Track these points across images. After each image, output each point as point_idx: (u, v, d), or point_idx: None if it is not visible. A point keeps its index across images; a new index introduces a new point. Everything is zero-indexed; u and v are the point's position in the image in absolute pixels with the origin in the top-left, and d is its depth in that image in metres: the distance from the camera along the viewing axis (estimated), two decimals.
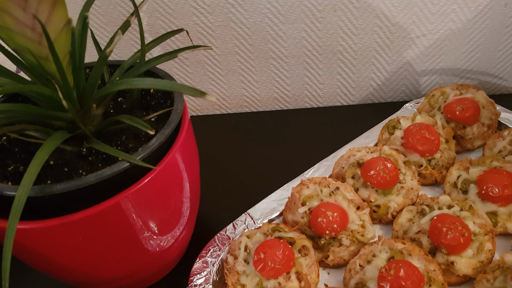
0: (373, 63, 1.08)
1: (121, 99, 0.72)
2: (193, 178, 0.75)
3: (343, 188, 0.81)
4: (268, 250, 0.71)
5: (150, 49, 0.75)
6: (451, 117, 0.93)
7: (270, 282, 0.72)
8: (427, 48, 1.04)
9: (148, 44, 0.74)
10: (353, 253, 0.78)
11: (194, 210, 0.80)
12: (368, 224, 0.80)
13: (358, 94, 1.15)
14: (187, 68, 1.11)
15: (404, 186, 0.84)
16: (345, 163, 0.88)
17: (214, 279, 0.77)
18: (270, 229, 0.77)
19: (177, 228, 0.75)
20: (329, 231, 0.75)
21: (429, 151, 0.87)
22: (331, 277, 0.79)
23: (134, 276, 0.74)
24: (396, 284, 0.66)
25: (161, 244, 0.72)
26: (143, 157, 0.59)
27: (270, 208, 0.87)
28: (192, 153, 0.74)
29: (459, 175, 0.85)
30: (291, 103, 1.19)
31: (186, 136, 0.68)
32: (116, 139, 0.66)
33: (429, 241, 0.74)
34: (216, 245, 0.82)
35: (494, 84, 1.11)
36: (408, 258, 0.71)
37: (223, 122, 1.19)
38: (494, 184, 0.78)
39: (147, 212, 0.65)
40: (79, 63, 0.63)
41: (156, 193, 0.64)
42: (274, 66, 1.10)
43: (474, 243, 0.73)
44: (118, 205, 0.59)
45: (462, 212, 0.76)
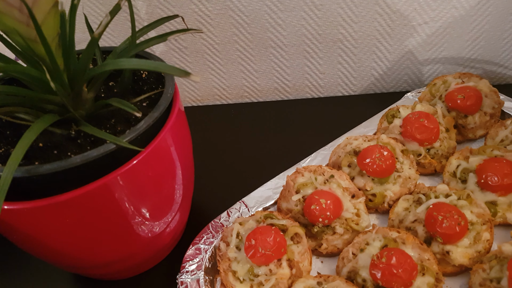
0: (374, 52, 1.06)
1: (112, 83, 0.72)
2: (186, 164, 0.75)
3: (337, 176, 0.80)
4: (259, 237, 0.71)
5: (143, 34, 0.74)
6: (452, 106, 0.91)
7: (261, 268, 0.71)
8: (429, 36, 1.02)
9: (142, 29, 0.74)
10: (347, 241, 0.77)
11: (187, 196, 0.80)
12: (363, 213, 0.78)
13: (360, 84, 1.13)
14: (187, 58, 1.11)
15: (401, 175, 0.82)
16: (342, 152, 0.87)
17: (207, 266, 0.76)
18: (262, 216, 0.77)
19: (169, 214, 0.74)
20: (322, 218, 0.74)
21: (428, 140, 0.85)
22: (324, 265, 0.78)
23: (126, 261, 0.74)
24: (388, 271, 0.64)
25: (153, 230, 0.72)
26: (130, 139, 0.59)
27: (265, 196, 0.87)
28: (184, 138, 0.73)
29: (459, 164, 0.83)
30: (291, 93, 1.18)
31: (176, 120, 0.68)
32: (106, 123, 0.66)
33: (424, 230, 0.73)
34: (210, 232, 0.81)
35: (499, 73, 1.08)
36: (401, 246, 0.69)
37: (223, 113, 1.18)
38: (494, 173, 0.76)
39: (137, 196, 0.65)
40: (69, 46, 0.62)
41: (145, 176, 0.64)
42: (273, 55, 1.09)
43: (471, 233, 0.71)
44: (106, 186, 0.59)
45: (459, 201, 0.74)
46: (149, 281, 0.80)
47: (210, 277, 0.76)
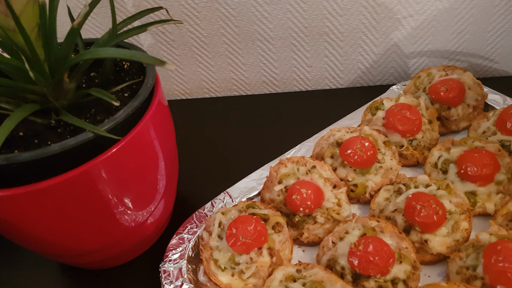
0: (360, 45, 1.06)
1: (94, 74, 0.73)
2: (168, 154, 0.76)
3: (319, 166, 0.81)
4: (239, 225, 0.72)
5: (126, 25, 0.75)
6: (435, 98, 0.92)
7: (242, 257, 0.72)
8: (414, 29, 1.02)
9: (124, 20, 0.75)
10: (328, 231, 0.78)
11: (171, 187, 0.80)
12: (344, 203, 0.79)
13: (347, 77, 1.14)
14: (175, 51, 1.12)
15: (383, 166, 0.83)
16: (325, 143, 0.88)
17: (190, 255, 0.77)
18: (244, 206, 0.77)
19: (152, 203, 0.75)
20: (303, 208, 0.75)
21: (410, 131, 0.86)
22: (306, 254, 0.79)
23: (109, 250, 0.75)
24: (364, 259, 0.65)
25: (136, 219, 0.73)
26: (108, 128, 0.60)
27: (249, 187, 0.88)
28: (165, 128, 0.74)
29: (440, 155, 0.84)
30: (280, 87, 1.18)
31: (157, 110, 0.69)
32: (88, 112, 0.66)
33: (403, 219, 0.74)
34: (194, 222, 0.82)
35: (485, 66, 1.09)
36: (380, 235, 0.70)
37: (211, 106, 1.19)
38: (473, 164, 0.77)
39: (118, 184, 0.65)
40: (50, 36, 0.63)
41: (126, 165, 0.65)
42: (261, 48, 1.09)
43: (449, 222, 0.72)
44: (85, 174, 0.60)
45: (438, 191, 0.75)
46: (134, 270, 0.81)
47: (193, 266, 0.77)
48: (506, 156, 0.80)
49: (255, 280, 0.72)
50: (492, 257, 0.62)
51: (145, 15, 0.75)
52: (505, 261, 0.61)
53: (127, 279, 0.80)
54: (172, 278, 0.73)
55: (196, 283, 0.75)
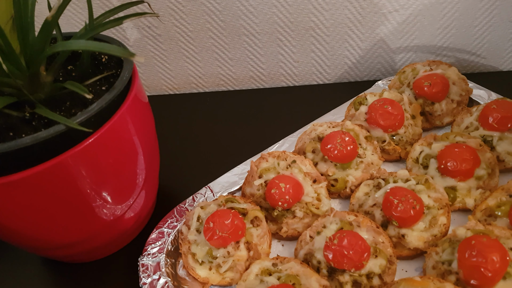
0: (346, 40, 1.06)
1: (71, 67, 0.73)
2: (147, 149, 0.76)
3: (299, 161, 0.81)
4: (217, 220, 0.72)
5: (105, 18, 0.75)
6: (419, 93, 0.92)
7: (219, 251, 0.72)
8: (400, 24, 1.02)
9: (104, 14, 0.75)
10: (307, 225, 0.78)
11: (150, 181, 0.80)
12: (323, 197, 0.79)
13: (334, 73, 1.14)
14: (161, 45, 1.11)
15: (364, 161, 0.83)
16: (307, 138, 0.88)
17: (169, 249, 0.77)
18: (223, 200, 0.77)
19: (131, 197, 0.75)
20: (281, 202, 0.75)
21: (391, 126, 0.86)
22: (285, 249, 0.79)
23: (87, 243, 0.75)
24: (339, 253, 0.65)
25: (113, 212, 0.73)
26: (81, 121, 0.59)
27: (231, 182, 0.88)
28: (143, 122, 0.74)
29: (422, 150, 0.84)
30: (267, 82, 1.18)
31: (133, 103, 0.68)
32: (63, 105, 0.67)
33: (381, 214, 0.74)
34: (174, 216, 0.82)
35: (472, 62, 1.08)
36: (356, 229, 0.70)
37: (199, 101, 1.19)
38: (453, 159, 0.77)
39: (93, 177, 0.65)
40: (26, 29, 0.63)
41: (100, 158, 0.65)
42: (247, 43, 1.09)
43: (426, 217, 0.72)
44: (58, 167, 0.60)
45: (417, 186, 0.75)
46: (115, 264, 0.82)
47: (172, 260, 0.77)
48: (487, 151, 0.80)
49: (232, 274, 0.72)
50: (466, 252, 0.62)
51: (126, 8, 0.75)
52: (479, 256, 0.61)
53: (108, 272, 0.80)
54: (150, 272, 0.73)
55: (175, 277, 0.75)
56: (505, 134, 0.82)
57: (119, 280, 0.78)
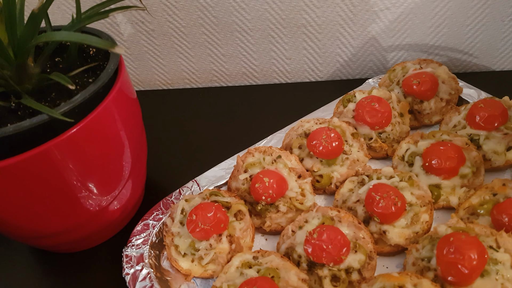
0: (338, 38, 1.06)
1: (59, 59, 0.74)
2: (133, 142, 0.76)
3: (284, 156, 0.81)
4: (199, 212, 0.72)
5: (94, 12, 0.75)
6: (408, 91, 0.92)
7: (201, 243, 0.73)
8: (391, 22, 1.02)
9: (93, 7, 0.75)
10: (290, 220, 0.78)
11: (137, 173, 0.81)
12: (308, 193, 0.80)
13: (326, 70, 1.14)
14: (154, 40, 1.12)
15: (349, 158, 0.83)
16: (294, 134, 0.88)
17: (153, 241, 0.78)
18: (208, 194, 0.78)
19: (116, 189, 0.76)
20: (265, 197, 0.76)
21: (378, 123, 0.86)
22: (268, 243, 0.79)
23: (73, 233, 0.76)
24: (318, 247, 0.66)
25: (98, 203, 0.74)
26: (64, 111, 0.60)
27: (218, 176, 0.88)
28: (129, 115, 0.74)
29: (408, 148, 0.84)
30: (260, 79, 1.19)
31: (118, 95, 0.69)
32: (48, 96, 0.68)
33: (364, 210, 0.74)
34: (160, 209, 0.83)
35: (464, 61, 1.08)
36: (338, 224, 0.71)
37: (192, 96, 1.20)
38: (437, 156, 0.77)
39: (77, 167, 0.66)
40: (13, 21, 0.64)
41: (84, 149, 0.65)
42: (239, 39, 1.10)
43: (408, 213, 0.72)
44: (41, 156, 0.60)
45: (400, 183, 0.75)
46: (100, 254, 0.82)
47: (156, 252, 0.78)
48: (473, 150, 0.80)
49: (214, 266, 0.73)
50: (444, 249, 0.62)
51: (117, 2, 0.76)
52: (456, 253, 0.61)
53: (94, 263, 0.81)
54: (133, 263, 0.74)
55: (158, 268, 0.76)
56: (492, 133, 0.82)
57: (104, 270, 0.79)
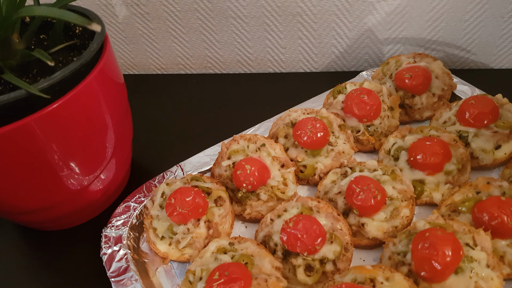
0: (333, 28, 1.05)
1: (44, 36, 0.74)
2: (116, 123, 0.76)
3: (268, 145, 0.81)
4: (178, 196, 0.72)
5: None
6: (400, 85, 0.90)
7: (179, 227, 0.73)
8: (388, 14, 1.00)
9: None
10: (271, 209, 0.78)
11: (120, 155, 0.81)
12: (290, 182, 0.79)
13: (321, 61, 1.13)
14: (149, 24, 1.11)
15: (335, 149, 0.82)
16: (281, 123, 0.87)
17: (133, 223, 0.78)
18: (189, 178, 0.78)
19: (98, 169, 0.76)
20: (246, 184, 0.75)
21: (366, 116, 0.85)
22: (248, 230, 0.79)
23: (54, 210, 0.76)
24: (293, 236, 0.65)
25: (80, 182, 0.74)
26: (42, 87, 0.60)
27: (203, 162, 0.88)
28: (113, 95, 0.74)
29: (395, 142, 0.83)
30: (254, 67, 1.17)
31: (100, 75, 0.69)
32: (30, 72, 0.68)
33: (344, 202, 0.73)
34: (143, 192, 0.83)
35: (462, 57, 1.06)
36: (316, 214, 0.70)
37: (185, 82, 1.19)
38: (422, 152, 0.76)
39: (56, 144, 0.66)
40: None
41: (63, 127, 0.65)
42: (234, 26, 1.09)
43: (388, 207, 0.71)
44: (17, 131, 0.60)
45: (383, 176, 0.74)
46: (82, 233, 0.83)
47: (136, 234, 0.78)
48: (460, 147, 0.79)
49: (191, 250, 0.73)
50: (419, 244, 0.62)
51: None
52: (431, 248, 0.60)
53: (75, 241, 0.82)
54: (111, 243, 0.75)
55: (136, 250, 0.76)
56: (481, 131, 0.80)
57: (84, 250, 0.80)
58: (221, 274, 0.61)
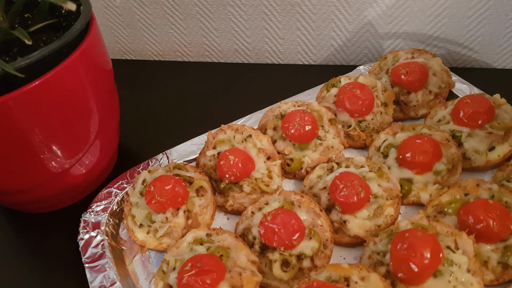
0: (333, 20, 1.02)
1: (29, 15, 0.72)
2: (101, 107, 0.75)
3: (255, 136, 0.79)
4: (158, 184, 0.71)
5: None
6: (395, 81, 0.88)
7: (158, 216, 0.71)
8: (389, 7, 0.97)
9: None
10: (254, 201, 0.76)
11: (104, 140, 0.80)
12: (275, 176, 0.77)
13: (320, 54, 1.10)
14: (146, 9, 1.10)
15: (323, 143, 0.80)
16: (271, 115, 0.85)
17: (114, 209, 0.77)
18: (172, 167, 0.76)
19: (80, 152, 0.75)
20: (229, 175, 0.74)
21: (358, 111, 0.82)
22: (229, 222, 0.78)
23: (34, 191, 0.75)
24: (270, 230, 0.64)
25: (61, 165, 0.73)
26: (19, 66, 0.59)
27: (189, 150, 0.87)
28: (96, 78, 0.73)
29: (386, 139, 0.80)
30: (252, 57, 1.15)
31: (83, 57, 0.67)
32: (11, 51, 0.67)
33: (328, 197, 0.71)
34: (126, 178, 0.82)
35: (464, 55, 1.02)
36: (297, 209, 0.68)
37: (182, 69, 1.17)
38: (411, 150, 0.74)
39: (34, 125, 0.65)
40: None
41: (42, 107, 0.64)
42: (232, 14, 1.06)
43: (372, 205, 0.69)
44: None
45: (369, 173, 0.72)
46: (63, 217, 0.82)
47: (116, 220, 0.77)
48: (452, 147, 0.76)
49: (169, 240, 0.72)
50: (398, 244, 0.60)
51: None
52: (409, 249, 0.58)
53: (55, 225, 0.81)
54: (89, 229, 0.74)
55: (115, 237, 0.75)
56: (475, 131, 0.77)
57: (63, 234, 0.79)
58: (194, 265, 0.60)
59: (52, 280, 0.73)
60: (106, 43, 1.19)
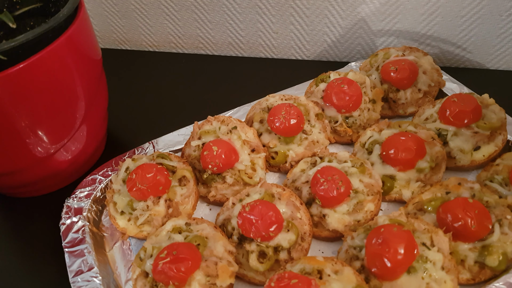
0: (326, 16, 1.02)
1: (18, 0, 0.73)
2: (87, 93, 0.75)
3: (240, 128, 0.79)
4: (139, 172, 0.71)
5: None
6: (385, 78, 0.87)
7: (139, 204, 0.72)
8: (382, 4, 0.97)
9: None
10: (236, 192, 0.76)
11: (90, 127, 0.80)
12: (259, 168, 0.77)
13: (313, 49, 1.10)
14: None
15: (309, 138, 0.80)
16: (258, 108, 0.85)
17: (97, 196, 0.78)
18: (155, 155, 0.77)
19: (65, 138, 0.76)
20: (211, 165, 0.74)
21: (345, 106, 0.82)
22: (211, 213, 0.78)
23: (18, 175, 0.76)
24: (247, 220, 0.64)
25: (46, 150, 0.74)
26: (3, 49, 0.59)
27: (176, 141, 0.87)
28: (83, 64, 0.73)
29: (371, 135, 0.80)
30: (246, 51, 1.15)
31: (69, 42, 0.68)
32: None
33: (309, 191, 0.71)
34: (111, 166, 0.82)
35: (457, 55, 1.02)
36: (276, 202, 0.68)
37: (175, 61, 1.18)
38: (395, 147, 0.73)
39: (18, 108, 0.66)
40: None
41: (26, 91, 0.65)
42: (226, 6, 1.06)
43: (352, 200, 0.69)
44: None
45: (351, 168, 0.72)
46: (47, 202, 0.83)
47: (99, 207, 0.78)
48: (437, 145, 0.76)
49: (149, 228, 0.72)
50: (373, 239, 0.60)
51: None
52: (383, 245, 0.58)
53: (39, 210, 0.83)
54: (71, 214, 0.74)
55: (97, 223, 0.76)
56: (461, 130, 0.77)
57: (46, 219, 0.80)
58: (169, 253, 0.60)
59: (32, 264, 0.74)
60: (102, 33, 1.19)
